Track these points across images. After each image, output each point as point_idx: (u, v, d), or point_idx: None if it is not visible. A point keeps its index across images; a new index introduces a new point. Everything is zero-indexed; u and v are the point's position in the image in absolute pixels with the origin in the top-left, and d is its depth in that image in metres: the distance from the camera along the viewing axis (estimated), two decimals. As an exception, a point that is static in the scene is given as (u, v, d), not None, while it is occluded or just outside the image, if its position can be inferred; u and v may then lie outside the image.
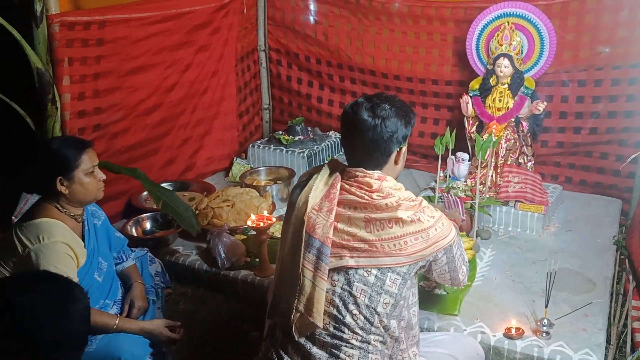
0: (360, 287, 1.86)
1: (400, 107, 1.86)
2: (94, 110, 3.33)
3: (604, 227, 3.31)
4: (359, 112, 1.82)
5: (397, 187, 1.86)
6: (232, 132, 4.36)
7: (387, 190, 1.81)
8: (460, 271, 2.00)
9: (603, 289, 2.73)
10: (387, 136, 1.82)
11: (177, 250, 3.20)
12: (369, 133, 1.81)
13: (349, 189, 1.86)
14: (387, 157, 1.86)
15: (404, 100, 1.93)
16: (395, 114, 1.83)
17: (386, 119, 1.81)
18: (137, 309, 2.52)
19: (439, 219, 1.85)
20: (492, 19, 3.44)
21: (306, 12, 4.32)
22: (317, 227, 1.86)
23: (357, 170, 1.87)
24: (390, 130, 1.82)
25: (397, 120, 1.83)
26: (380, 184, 1.82)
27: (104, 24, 3.25)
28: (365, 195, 1.83)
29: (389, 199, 1.80)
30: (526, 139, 3.46)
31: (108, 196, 3.47)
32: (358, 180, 1.86)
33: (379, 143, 1.82)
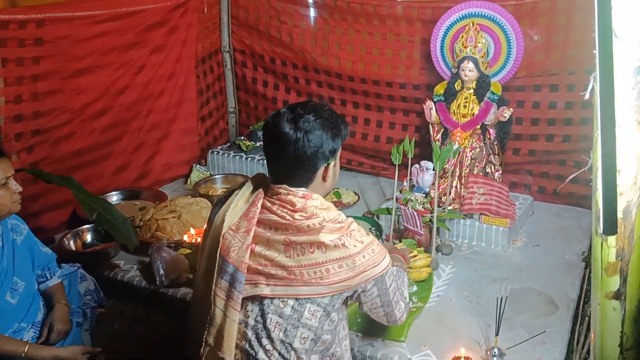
0: (274, 319, 1.67)
1: (327, 117, 1.69)
2: (33, 114, 3.13)
3: (573, 241, 3.11)
4: (280, 123, 1.65)
5: (324, 206, 1.68)
6: (193, 137, 4.16)
7: (311, 210, 1.65)
8: (397, 307, 1.82)
9: (566, 312, 2.53)
10: (311, 151, 1.65)
11: (118, 265, 3.00)
12: (290, 147, 1.64)
13: (271, 207, 1.70)
14: (313, 173, 1.70)
15: (335, 110, 1.76)
16: (320, 126, 1.66)
17: (309, 132, 1.64)
18: (57, 333, 2.33)
19: (368, 245, 1.67)
20: (456, 20, 3.24)
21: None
22: (232, 249, 1.69)
23: (280, 187, 1.70)
24: (314, 144, 1.65)
25: (322, 133, 1.66)
26: (304, 203, 1.66)
27: (43, 22, 3.05)
28: (287, 215, 1.66)
29: (313, 219, 1.63)
30: (493, 148, 3.26)
31: (51, 205, 3.30)
32: (281, 198, 1.69)
33: (302, 159, 1.66)
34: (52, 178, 2.79)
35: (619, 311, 1.43)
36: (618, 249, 1.35)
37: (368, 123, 4.05)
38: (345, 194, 3.70)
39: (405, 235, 2.99)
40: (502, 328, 2.34)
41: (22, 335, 2.29)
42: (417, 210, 2.88)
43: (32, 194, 3.19)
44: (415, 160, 3.29)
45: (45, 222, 3.28)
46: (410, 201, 3.00)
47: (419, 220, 2.85)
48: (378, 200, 3.63)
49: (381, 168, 4.06)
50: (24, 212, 3.02)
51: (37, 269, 2.47)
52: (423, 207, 2.98)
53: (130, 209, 3.50)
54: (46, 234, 3.26)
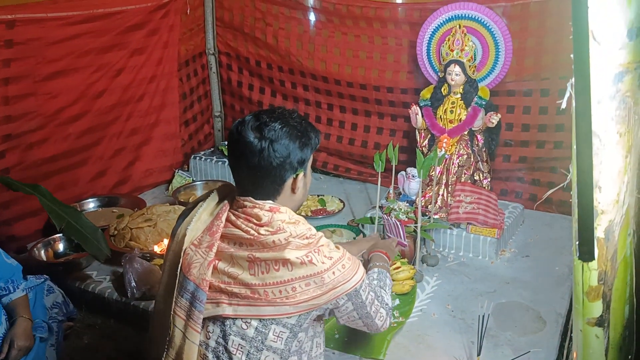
0: (237, 341, 1.56)
1: (295, 125, 1.56)
2: (4, 118, 3.03)
3: (564, 252, 2.99)
4: (244, 132, 1.53)
5: (292, 220, 1.57)
6: (175, 142, 4.05)
7: (277, 224, 1.53)
8: (378, 316, 1.69)
9: (553, 329, 2.41)
10: (277, 162, 1.53)
11: (90, 276, 2.88)
12: (254, 158, 1.52)
13: (235, 220, 1.58)
14: (279, 185, 1.58)
15: (304, 117, 1.64)
16: (287, 135, 1.53)
17: (275, 142, 1.52)
18: (17, 350, 2.22)
19: (337, 261, 1.55)
20: (442, 22, 3.13)
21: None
22: (193, 266, 1.58)
23: (245, 199, 1.59)
24: (280, 154, 1.53)
25: (289, 142, 1.54)
26: (270, 217, 1.54)
27: (14, 23, 2.94)
28: (252, 230, 1.54)
29: (279, 234, 1.52)
30: (482, 154, 3.14)
31: (24, 213, 3.19)
32: (246, 211, 1.58)
33: (267, 170, 1.54)
34: (18, 186, 2.68)
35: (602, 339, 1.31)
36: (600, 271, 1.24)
37: (355, 128, 3.94)
38: (330, 201, 3.58)
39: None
40: (486, 345, 2.23)
41: (-20, 352, 2.18)
42: (400, 220, 2.75)
43: (4, 201, 3.09)
44: (403, 166, 3.18)
45: (18, 230, 3.17)
46: (393, 211, 2.88)
47: (402, 231, 2.72)
48: (364, 207, 3.51)
49: (368, 174, 3.94)
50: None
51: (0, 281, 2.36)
52: (407, 216, 2.86)
53: (108, 217, 3.38)
54: (19, 242, 3.16)
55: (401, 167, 3.14)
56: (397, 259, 2.73)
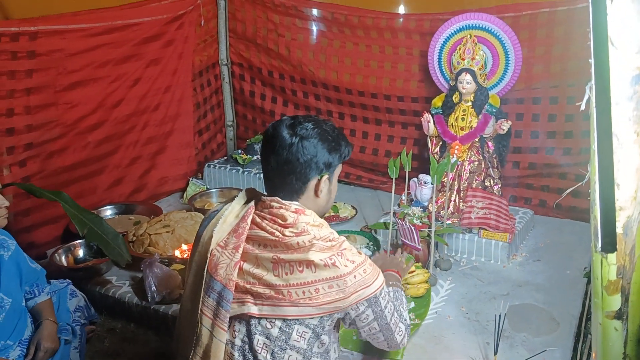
0: (261, 340, 1.60)
1: (327, 130, 1.63)
2: (26, 127, 3.10)
3: (575, 256, 3.04)
4: (278, 128, 1.62)
5: (316, 223, 1.60)
6: (189, 151, 4.12)
7: (302, 226, 1.57)
8: (397, 330, 1.71)
9: (567, 330, 2.46)
10: (304, 159, 1.59)
11: (110, 281, 2.94)
12: (284, 152, 1.59)
13: (260, 222, 1.62)
14: (304, 184, 1.63)
15: (338, 128, 1.70)
16: (317, 135, 1.60)
17: (305, 139, 1.59)
18: (44, 352, 2.27)
19: (360, 265, 1.58)
20: (453, 32, 3.20)
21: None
22: (219, 267, 1.62)
23: (272, 199, 1.63)
24: (308, 152, 1.59)
25: (318, 142, 1.60)
26: (296, 218, 1.58)
27: (36, 35, 3.02)
28: (277, 231, 1.58)
29: (303, 236, 1.55)
30: (492, 161, 3.20)
31: (44, 220, 3.26)
32: (272, 212, 1.61)
33: (293, 165, 1.60)
34: (42, 193, 2.75)
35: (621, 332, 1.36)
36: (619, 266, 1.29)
37: (366, 136, 4.01)
38: (342, 207, 3.64)
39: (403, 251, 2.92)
40: (502, 346, 2.28)
41: (8, 354, 2.23)
42: (414, 225, 2.81)
43: (25, 208, 3.15)
44: (414, 173, 3.24)
45: (37, 237, 3.23)
46: (407, 215, 2.94)
47: (416, 235, 2.78)
48: (376, 214, 3.57)
49: (379, 182, 4.01)
50: (15, 227, 3.01)
51: (25, 285, 2.42)
52: (421, 221, 2.92)
53: (125, 224, 3.45)
54: (39, 249, 3.21)
55: (412, 174, 3.20)
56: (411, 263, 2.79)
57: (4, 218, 2.21)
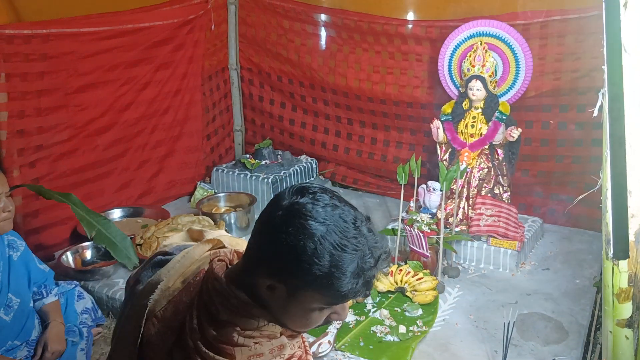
0: None
1: (358, 243, 1.04)
2: (36, 129, 3.11)
3: (584, 265, 3.02)
4: (291, 191, 1.09)
5: (259, 330, 1.13)
6: (198, 155, 4.13)
7: (231, 335, 1.10)
8: None
9: (576, 340, 2.43)
10: (291, 243, 1.02)
11: (117, 283, 2.94)
12: (275, 212, 1.07)
13: (195, 305, 1.16)
14: (258, 274, 1.09)
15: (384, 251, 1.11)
16: (337, 244, 1.02)
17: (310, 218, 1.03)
18: (51, 353, 2.28)
19: None
20: (464, 39, 3.20)
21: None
22: (150, 347, 1.17)
23: (217, 275, 1.14)
24: (302, 242, 1.02)
25: (331, 249, 1.02)
26: (232, 318, 1.12)
27: (48, 37, 3.04)
28: (189, 339, 1.12)
29: (218, 357, 1.09)
30: (502, 168, 3.19)
31: (52, 222, 3.27)
32: (211, 294, 1.14)
33: (271, 240, 1.06)
34: (51, 194, 2.76)
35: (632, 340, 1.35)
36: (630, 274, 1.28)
37: (375, 142, 4.00)
38: (350, 213, 3.63)
39: (411, 257, 2.92)
40: (510, 355, 2.26)
41: (15, 354, 2.24)
42: (423, 232, 2.81)
43: (34, 210, 3.16)
44: (423, 180, 3.23)
45: (46, 238, 3.24)
46: (416, 222, 2.93)
47: (424, 242, 2.78)
48: (384, 220, 3.55)
49: (387, 188, 4.00)
50: (24, 228, 3.02)
51: (33, 286, 2.43)
52: (429, 228, 2.91)
53: (133, 227, 3.45)
54: (47, 250, 3.22)
55: (421, 181, 3.19)
56: (419, 270, 2.78)
57: (8, 222, 2.21)
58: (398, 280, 2.74)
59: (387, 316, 2.56)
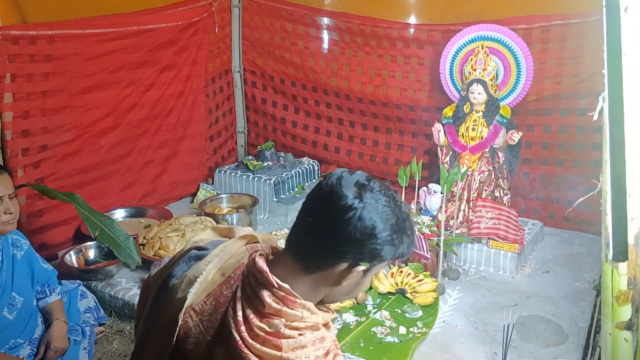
0: None
1: (400, 216, 1.18)
2: (41, 129, 3.13)
3: (584, 269, 3.03)
4: (344, 181, 1.17)
5: (303, 324, 1.17)
6: (201, 156, 4.15)
7: (278, 327, 1.14)
8: None
9: (576, 342, 2.45)
10: (350, 232, 1.13)
11: (119, 283, 2.96)
12: (332, 210, 1.15)
13: (237, 300, 1.19)
14: (329, 263, 1.17)
15: (410, 218, 1.24)
16: (384, 214, 1.15)
17: (368, 210, 1.13)
18: (54, 351, 2.30)
19: None
20: (465, 42, 3.22)
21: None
22: (189, 340, 1.19)
23: (261, 268, 1.18)
24: (361, 227, 1.13)
25: (381, 222, 1.14)
26: (278, 310, 1.14)
27: (53, 39, 3.07)
28: (242, 329, 1.14)
29: (266, 349, 1.13)
30: (502, 171, 3.21)
31: (56, 221, 3.29)
32: (255, 285, 1.18)
33: (333, 232, 1.15)
34: (55, 194, 2.78)
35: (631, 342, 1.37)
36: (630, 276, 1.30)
37: (376, 145, 4.02)
38: (351, 215, 3.65)
39: (412, 259, 2.93)
40: (509, 357, 2.28)
41: (18, 352, 2.26)
42: (423, 234, 2.82)
43: (37, 209, 3.18)
44: (423, 183, 3.25)
45: (49, 238, 3.26)
46: (417, 224, 2.95)
47: (425, 244, 2.79)
48: (385, 223, 3.56)
49: (389, 190, 4.01)
50: (28, 227, 3.04)
51: (36, 285, 2.45)
52: (430, 230, 2.93)
53: (135, 227, 3.48)
54: (50, 250, 3.24)
55: (421, 184, 3.21)
56: (419, 272, 2.80)
57: (9, 224, 2.22)
58: (398, 282, 2.76)
59: (388, 317, 2.58)
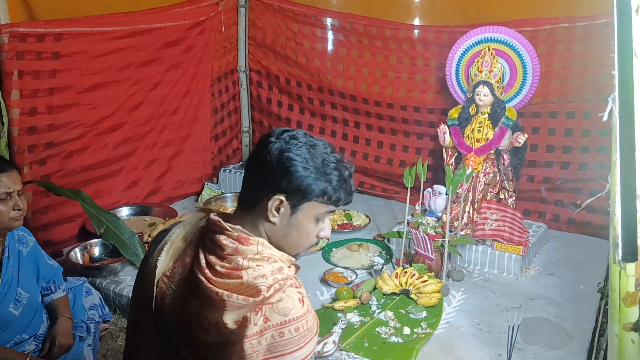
0: None
1: (321, 154, 1.32)
2: (47, 127, 3.14)
3: (588, 271, 3.03)
4: (271, 131, 1.36)
5: (259, 256, 1.28)
6: (205, 155, 4.16)
7: (237, 262, 1.26)
8: None
9: (580, 345, 2.45)
10: (274, 161, 1.28)
11: (124, 280, 2.97)
12: (261, 151, 1.32)
13: (200, 253, 1.31)
14: (259, 197, 1.31)
15: (341, 158, 1.36)
16: (303, 151, 1.30)
17: (292, 143, 1.30)
18: (59, 347, 2.30)
19: (297, 320, 1.26)
20: (472, 44, 3.23)
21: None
22: (166, 302, 1.34)
23: (216, 220, 1.32)
24: (284, 158, 1.28)
25: (300, 158, 1.29)
26: (234, 248, 1.27)
27: (61, 36, 3.08)
28: (205, 270, 1.27)
29: (228, 280, 1.24)
30: (507, 173, 3.21)
31: (61, 218, 3.30)
32: (214, 237, 1.30)
33: (260, 166, 1.31)
34: (61, 191, 2.79)
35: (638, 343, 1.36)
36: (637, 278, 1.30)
37: (381, 146, 4.03)
38: (356, 216, 3.66)
39: (416, 260, 2.94)
40: (513, 358, 2.27)
41: (23, 347, 2.27)
42: (428, 235, 2.83)
43: (43, 206, 3.19)
44: (428, 184, 3.25)
45: (54, 235, 3.27)
46: (421, 225, 2.95)
47: (430, 245, 2.80)
48: (389, 223, 3.58)
49: (393, 191, 4.02)
50: (34, 224, 3.05)
51: (42, 282, 2.45)
52: (435, 231, 2.93)
53: (140, 225, 3.48)
54: (55, 247, 3.25)
55: (426, 185, 3.21)
56: (424, 273, 2.80)
57: (16, 220, 2.22)
58: (403, 283, 2.76)
59: (392, 317, 2.58)
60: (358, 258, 3.15)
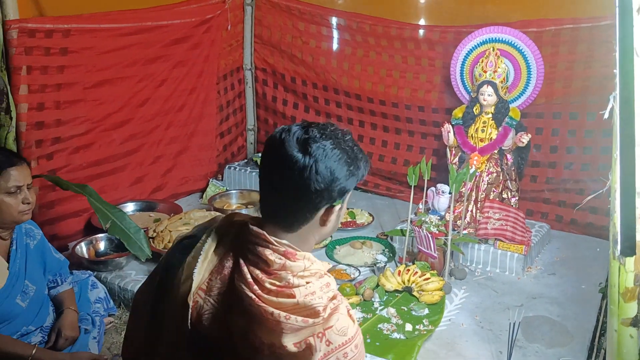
0: None
1: (347, 150, 1.29)
2: (55, 122, 3.17)
3: (590, 271, 3.04)
4: (287, 143, 1.26)
5: (307, 272, 1.27)
6: (211, 152, 4.19)
7: (287, 278, 1.23)
8: None
9: (581, 343, 2.46)
10: (316, 186, 1.25)
11: (129, 275, 3.00)
12: (292, 175, 1.24)
13: (242, 265, 1.27)
14: (310, 214, 1.29)
15: (356, 141, 1.36)
16: (337, 158, 1.26)
17: (320, 162, 1.24)
18: (65, 339, 2.33)
19: (355, 337, 1.25)
20: (476, 44, 3.24)
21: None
22: (204, 317, 1.28)
23: (259, 233, 1.28)
24: (323, 179, 1.24)
25: (337, 166, 1.25)
26: (282, 264, 1.25)
27: (69, 32, 3.10)
28: (254, 287, 1.23)
29: (281, 299, 1.21)
30: (510, 173, 3.23)
31: (68, 213, 3.33)
32: (257, 250, 1.27)
33: (302, 193, 1.26)
34: (68, 185, 2.81)
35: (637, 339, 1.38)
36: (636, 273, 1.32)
37: (385, 145, 4.05)
38: (359, 214, 3.68)
39: (419, 258, 2.96)
40: (515, 356, 2.30)
41: (29, 339, 2.29)
42: (431, 233, 2.85)
43: (50, 201, 3.23)
44: (432, 183, 3.27)
45: (60, 229, 3.30)
46: (425, 223, 2.97)
47: (433, 243, 2.82)
48: (392, 222, 3.60)
49: (397, 190, 4.04)
50: (40, 218, 3.08)
51: (48, 274, 2.48)
52: (438, 229, 2.95)
53: (145, 220, 3.51)
54: (61, 241, 3.28)
55: (430, 184, 3.23)
56: (426, 271, 2.82)
57: (24, 214, 2.24)
58: (405, 280, 2.78)
59: (394, 314, 2.60)
60: (361, 256, 3.17)
